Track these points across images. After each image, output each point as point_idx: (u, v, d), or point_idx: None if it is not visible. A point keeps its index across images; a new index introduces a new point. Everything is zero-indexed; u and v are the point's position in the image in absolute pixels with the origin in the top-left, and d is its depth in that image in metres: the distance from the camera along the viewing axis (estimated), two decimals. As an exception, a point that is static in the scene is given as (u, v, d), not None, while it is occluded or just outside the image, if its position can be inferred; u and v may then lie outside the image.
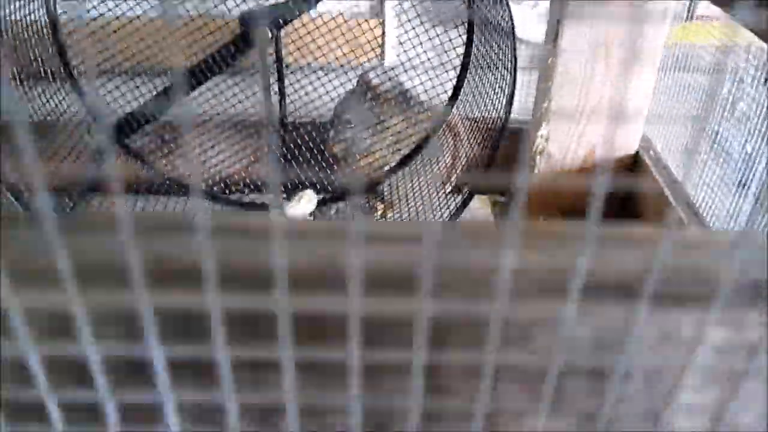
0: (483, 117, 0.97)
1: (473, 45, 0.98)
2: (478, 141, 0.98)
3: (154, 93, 0.99)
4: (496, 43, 0.92)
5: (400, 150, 1.12)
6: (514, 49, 0.81)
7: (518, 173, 0.22)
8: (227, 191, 1.09)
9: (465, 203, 0.93)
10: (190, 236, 0.22)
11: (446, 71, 1.08)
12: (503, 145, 1.08)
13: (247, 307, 0.21)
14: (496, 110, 0.91)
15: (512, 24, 0.81)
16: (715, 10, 1.23)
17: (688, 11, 1.77)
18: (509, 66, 0.84)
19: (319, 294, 0.21)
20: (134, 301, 0.21)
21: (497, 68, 0.90)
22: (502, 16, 0.85)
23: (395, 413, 0.22)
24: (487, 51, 0.96)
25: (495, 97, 0.92)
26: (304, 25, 1.03)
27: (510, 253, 0.20)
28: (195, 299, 0.21)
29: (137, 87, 1.01)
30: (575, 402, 0.22)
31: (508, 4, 0.79)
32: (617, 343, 0.21)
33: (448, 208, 0.99)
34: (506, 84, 0.85)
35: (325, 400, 0.22)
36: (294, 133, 1.07)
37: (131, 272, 0.20)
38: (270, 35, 0.93)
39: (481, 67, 1.00)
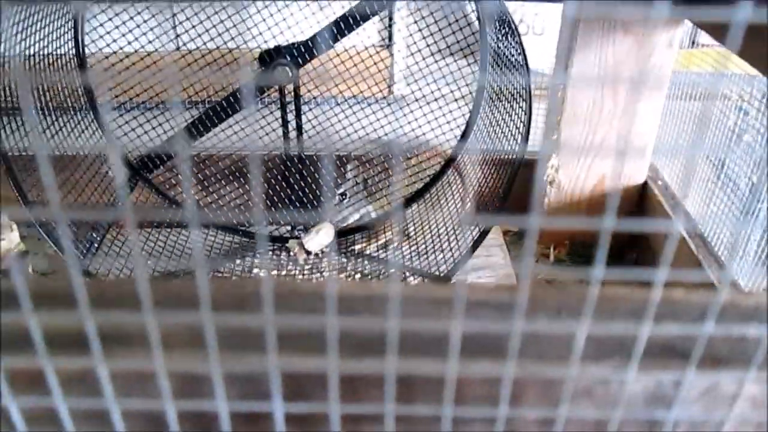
0: (497, 151, 1.00)
1: (486, 80, 1.01)
2: (493, 176, 1.01)
3: (176, 128, 1.02)
4: (507, 76, 0.95)
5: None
6: (529, 83, 0.84)
7: (530, 213, 0.24)
8: (246, 224, 1.11)
9: (482, 236, 0.96)
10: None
11: (459, 106, 1.11)
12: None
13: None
14: (510, 144, 0.93)
15: (525, 56, 0.84)
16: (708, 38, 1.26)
17: (691, 38, 1.81)
18: (523, 100, 0.86)
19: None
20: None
21: (510, 102, 0.93)
22: (514, 49, 0.88)
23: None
24: (499, 84, 0.99)
25: (509, 130, 0.94)
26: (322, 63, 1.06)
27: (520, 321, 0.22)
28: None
29: (160, 122, 1.03)
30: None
31: (519, 36, 0.81)
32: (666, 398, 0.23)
33: (465, 241, 1.01)
34: (521, 118, 0.88)
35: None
36: (311, 167, 1.10)
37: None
38: (290, 74, 0.96)
39: (493, 101, 1.02)
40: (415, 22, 1.07)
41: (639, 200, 1.21)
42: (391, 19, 1.53)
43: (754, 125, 1.00)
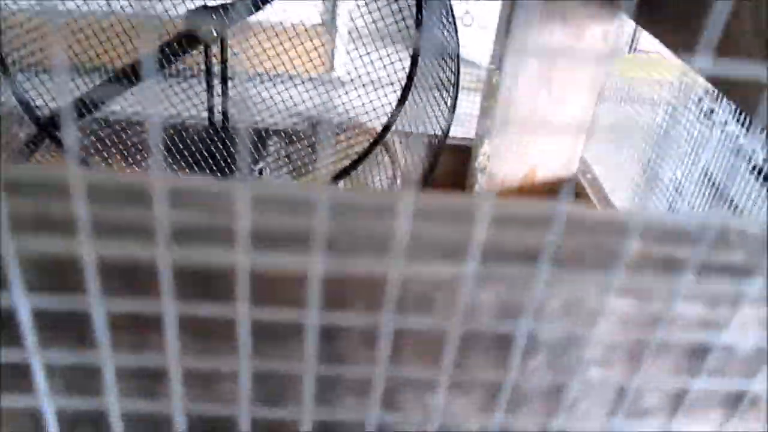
0: (424, 133, 0.98)
1: (417, 66, 0.99)
2: (419, 156, 0.99)
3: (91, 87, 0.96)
4: (439, 63, 0.93)
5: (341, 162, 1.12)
6: (458, 70, 0.82)
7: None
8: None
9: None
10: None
11: (394, 90, 1.08)
12: (445, 160, 1.09)
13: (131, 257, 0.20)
14: (436, 127, 0.91)
15: (457, 45, 0.82)
16: (656, 44, 1.27)
17: (631, 44, 1.83)
18: (451, 86, 0.85)
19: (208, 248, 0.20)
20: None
21: (440, 88, 0.91)
22: (448, 38, 0.86)
23: (291, 379, 0.21)
24: (430, 71, 0.97)
25: (435, 115, 0.92)
26: (256, 34, 1.03)
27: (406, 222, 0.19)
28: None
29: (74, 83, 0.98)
30: (478, 374, 0.21)
31: (455, 26, 0.80)
32: (521, 310, 0.21)
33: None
34: (447, 103, 0.86)
35: (216, 365, 0.21)
36: (236, 139, 1.05)
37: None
38: (215, 35, 0.92)
39: (423, 88, 1.00)
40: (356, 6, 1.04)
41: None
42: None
43: (681, 122, 1.01)
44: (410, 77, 1.01)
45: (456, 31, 0.82)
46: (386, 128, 1.05)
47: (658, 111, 1.15)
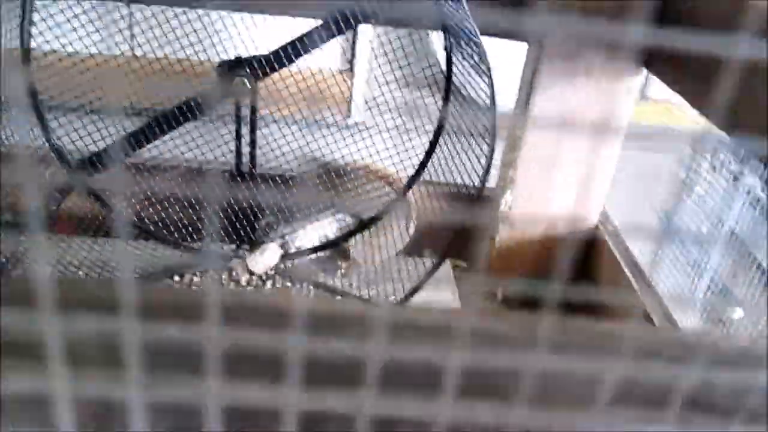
0: (455, 185, 0.98)
1: (448, 112, 1.00)
2: (448, 209, 0.99)
3: (122, 133, 0.97)
4: (469, 113, 0.94)
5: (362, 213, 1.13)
6: (494, 122, 0.83)
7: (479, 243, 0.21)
8: (190, 238, 1.06)
9: (435, 268, 0.93)
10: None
11: (418, 135, 1.09)
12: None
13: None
14: (468, 180, 0.92)
15: (493, 93, 0.83)
16: (667, 92, 1.28)
17: (641, 92, 1.85)
18: (487, 136, 0.85)
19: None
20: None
21: (472, 136, 0.92)
22: (481, 86, 0.87)
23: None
24: (462, 118, 0.98)
25: (469, 166, 0.93)
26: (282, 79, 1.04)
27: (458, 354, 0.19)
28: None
29: (106, 125, 0.98)
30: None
31: (490, 74, 0.80)
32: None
33: (417, 272, 0.98)
34: (480, 157, 0.87)
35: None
36: (262, 185, 1.06)
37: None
38: (249, 86, 0.93)
39: (455, 134, 1.01)
40: (374, 48, 1.06)
41: (589, 243, 1.21)
42: (354, 43, 1.52)
43: (706, 177, 1.02)
44: (440, 125, 1.02)
45: (491, 78, 0.82)
46: (413, 178, 1.05)
47: (676, 160, 1.17)
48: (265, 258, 1.00)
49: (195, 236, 1.08)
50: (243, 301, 0.25)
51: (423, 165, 1.06)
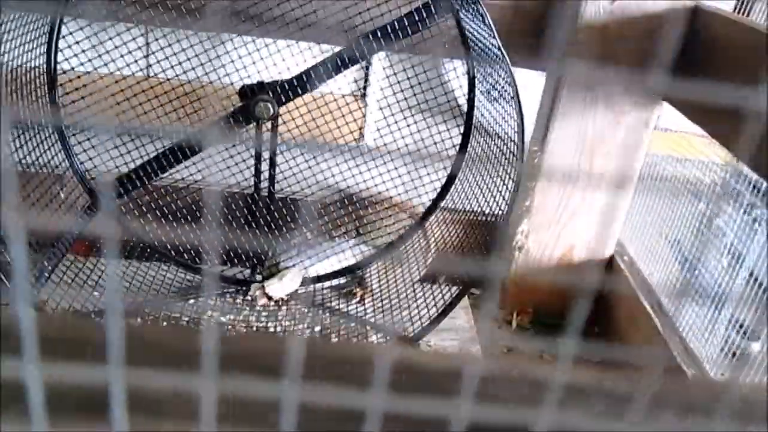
0: (475, 212, 0.98)
1: (469, 142, 1.00)
2: (469, 237, 0.99)
3: (146, 155, 0.97)
4: (493, 140, 0.94)
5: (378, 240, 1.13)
6: (522, 147, 0.83)
7: (491, 266, 0.21)
8: (206, 261, 1.06)
9: (458, 299, 0.93)
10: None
11: (433, 163, 1.09)
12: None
13: None
14: (490, 207, 0.92)
15: (521, 120, 0.83)
16: (678, 123, 1.29)
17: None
18: (512, 165, 0.85)
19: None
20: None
21: (496, 166, 0.92)
22: (505, 111, 0.87)
23: None
24: (483, 148, 0.98)
25: (489, 193, 0.93)
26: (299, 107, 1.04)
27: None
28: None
29: (129, 149, 0.98)
30: None
31: (518, 100, 0.80)
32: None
33: (434, 300, 0.98)
34: (506, 183, 0.86)
35: None
36: (283, 209, 1.06)
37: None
38: (272, 111, 0.93)
39: (474, 162, 1.01)
40: (389, 75, 1.06)
41: (604, 274, 1.20)
42: (368, 69, 1.53)
43: (726, 210, 1.02)
44: (462, 151, 1.02)
45: (519, 104, 0.82)
46: (434, 204, 1.05)
47: (694, 192, 1.17)
48: (284, 284, 1.00)
49: (211, 260, 1.08)
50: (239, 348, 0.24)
51: (441, 195, 1.06)
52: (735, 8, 1.09)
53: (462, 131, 1.01)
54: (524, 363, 0.21)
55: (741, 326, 1.00)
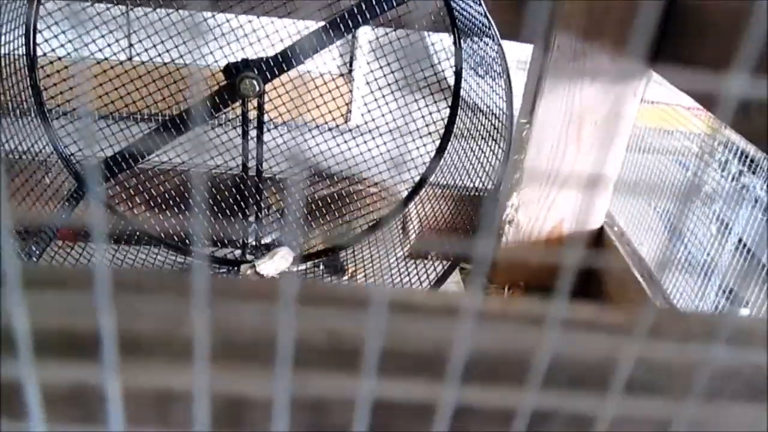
0: (465, 187, 0.98)
1: (458, 116, 1.00)
2: (460, 211, 0.99)
3: (131, 137, 0.95)
4: (478, 117, 0.93)
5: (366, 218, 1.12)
6: (512, 122, 0.82)
7: (481, 242, 0.20)
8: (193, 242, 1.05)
9: (446, 274, 0.93)
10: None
11: (432, 140, 1.09)
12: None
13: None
14: (480, 181, 0.91)
15: (510, 94, 0.82)
16: (663, 95, 1.28)
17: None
18: (496, 143, 0.85)
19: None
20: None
21: (482, 139, 0.92)
22: (491, 85, 0.87)
23: None
24: (473, 121, 0.97)
25: (480, 167, 0.92)
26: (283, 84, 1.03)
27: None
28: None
29: (113, 131, 0.97)
30: None
31: (507, 74, 0.80)
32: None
33: (428, 277, 0.98)
34: (493, 158, 0.86)
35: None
36: (272, 187, 1.05)
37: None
38: (257, 88, 0.92)
39: (464, 137, 1.01)
40: (375, 49, 1.05)
41: (595, 245, 1.21)
42: (354, 46, 1.51)
43: (715, 177, 1.02)
44: (448, 129, 1.01)
45: (509, 78, 0.81)
46: (423, 180, 1.05)
47: (682, 162, 1.17)
48: (276, 262, 0.99)
49: (200, 243, 1.07)
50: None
51: (430, 170, 1.06)
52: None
53: (450, 105, 1.00)
54: (521, 302, 0.21)
55: (730, 293, 1.01)
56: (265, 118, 1.02)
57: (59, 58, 0.92)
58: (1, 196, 0.17)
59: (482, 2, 0.77)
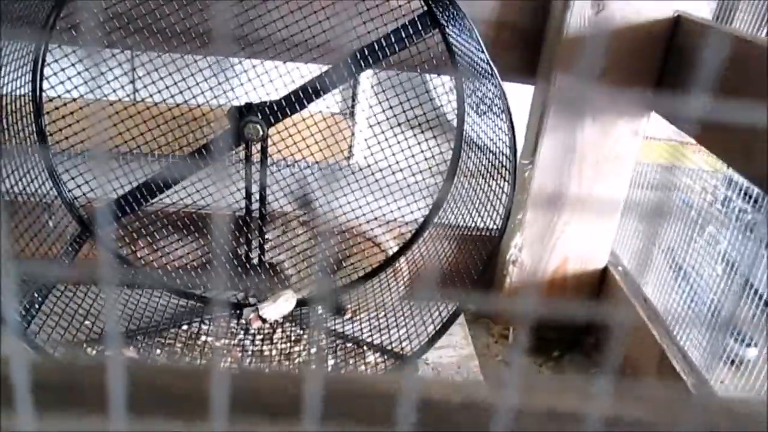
0: (469, 227, 0.98)
1: (460, 158, 1.00)
2: (464, 253, 0.98)
3: (133, 180, 0.96)
4: (485, 154, 0.94)
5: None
6: (515, 162, 0.83)
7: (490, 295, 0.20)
8: (201, 287, 1.05)
9: (455, 316, 0.92)
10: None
11: (424, 178, 1.09)
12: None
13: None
14: (485, 222, 0.91)
15: (513, 134, 0.83)
16: (661, 130, 1.28)
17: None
18: (504, 180, 0.85)
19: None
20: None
21: (488, 179, 0.92)
22: (494, 127, 0.87)
23: None
24: (475, 162, 0.98)
25: (483, 208, 0.92)
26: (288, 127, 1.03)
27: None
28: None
29: (117, 175, 0.97)
30: None
31: (509, 113, 0.80)
32: None
33: (432, 321, 0.97)
34: (499, 197, 0.86)
35: None
36: (275, 230, 1.05)
37: None
38: (261, 132, 0.93)
39: (467, 177, 1.01)
40: (377, 93, 1.06)
41: (599, 285, 1.20)
42: (356, 87, 1.53)
43: (718, 217, 1.02)
44: (452, 168, 1.01)
45: (511, 118, 0.82)
46: (426, 221, 1.05)
47: (683, 199, 1.17)
48: (279, 306, 0.99)
49: (202, 284, 1.07)
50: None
51: (434, 211, 1.06)
52: (715, 16, 1.10)
53: (452, 146, 1.01)
54: (550, 398, 0.21)
55: (738, 333, 1.00)
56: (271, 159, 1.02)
57: (65, 104, 0.93)
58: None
59: (484, 50, 0.78)
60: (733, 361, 1.02)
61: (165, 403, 0.19)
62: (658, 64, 1.05)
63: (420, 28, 0.93)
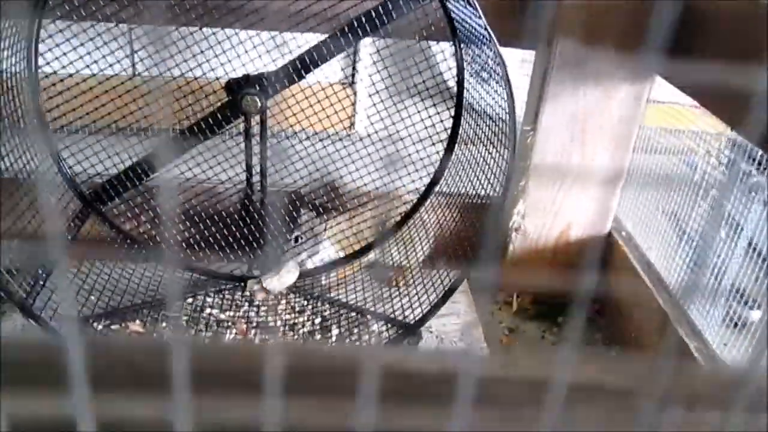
0: (470, 195, 0.98)
1: (460, 125, 0.99)
2: (465, 222, 0.98)
3: (134, 156, 0.96)
4: (485, 122, 0.93)
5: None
6: (515, 128, 0.82)
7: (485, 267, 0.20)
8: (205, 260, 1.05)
9: (457, 284, 0.92)
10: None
11: (433, 144, 1.08)
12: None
13: None
14: (486, 190, 0.91)
15: (512, 100, 0.82)
16: (665, 95, 1.27)
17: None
18: (504, 146, 0.84)
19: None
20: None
21: (488, 146, 0.91)
22: (494, 91, 0.86)
23: None
24: (475, 130, 0.97)
25: (483, 176, 0.92)
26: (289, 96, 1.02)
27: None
28: None
29: (117, 150, 0.97)
30: None
31: (508, 80, 0.79)
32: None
33: (435, 290, 0.97)
34: (499, 164, 0.86)
35: None
36: (276, 201, 1.05)
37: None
38: (259, 105, 0.92)
39: (467, 144, 1.00)
40: (376, 61, 1.05)
41: (603, 250, 1.20)
42: (355, 56, 1.52)
43: (721, 180, 1.01)
44: (453, 136, 1.01)
45: (509, 84, 0.81)
46: (431, 185, 1.04)
47: (686, 162, 1.16)
48: (282, 277, 0.99)
49: (206, 257, 1.07)
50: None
51: (434, 180, 1.05)
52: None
53: (453, 114, 1.00)
54: (524, 360, 0.20)
55: (741, 295, 1.00)
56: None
57: (61, 80, 0.92)
58: None
59: (482, 15, 0.77)
60: (736, 324, 1.02)
61: (128, 380, 0.19)
62: (663, 32, 1.03)
63: (418, -6, 0.92)
